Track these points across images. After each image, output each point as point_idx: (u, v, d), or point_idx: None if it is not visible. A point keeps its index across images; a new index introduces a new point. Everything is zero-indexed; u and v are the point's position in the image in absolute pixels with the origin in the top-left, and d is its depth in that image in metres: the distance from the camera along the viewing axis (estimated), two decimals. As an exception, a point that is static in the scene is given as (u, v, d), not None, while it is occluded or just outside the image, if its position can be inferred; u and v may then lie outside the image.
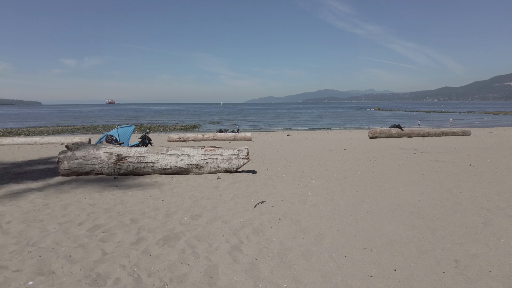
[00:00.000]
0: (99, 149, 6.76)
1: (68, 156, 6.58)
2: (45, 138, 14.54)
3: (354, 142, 14.22)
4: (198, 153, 6.84)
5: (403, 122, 41.89)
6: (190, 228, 3.85)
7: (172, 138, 14.56)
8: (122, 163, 6.62)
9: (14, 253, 3.24)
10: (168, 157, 6.73)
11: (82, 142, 6.93)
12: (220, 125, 39.18)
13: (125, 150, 6.75)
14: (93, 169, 6.62)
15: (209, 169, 6.84)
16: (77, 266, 2.96)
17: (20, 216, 4.31)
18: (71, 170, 6.57)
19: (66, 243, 3.45)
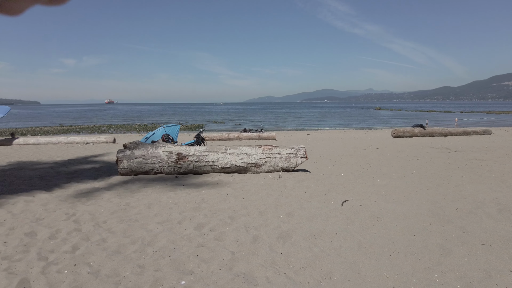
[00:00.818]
0: (158, 148, 6.71)
1: (127, 155, 6.53)
2: (69, 137, 14.43)
3: (381, 141, 14.24)
4: (257, 152, 6.82)
5: (409, 121, 41.99)
6: (296, 226, 3.82)
7: (197, 138, 14.53)
8: (183, 162, 6.58)
9: (138, 252, 3.20)
10: (228, 156, 6.70)
11: (139, 141, 6.88)
12: (224, 125, 39.04)
13: (185, 149, 6.71)
14: (152, 168, 6.58)
15: (268, 168, 6.81)
16: (213, 265, 2.93)
17: (112, 216, 4.27)
18: (130, 170, 6.52)
19: (183, 243, 3.42)
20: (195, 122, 43.05)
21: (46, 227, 3.89)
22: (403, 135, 15.85)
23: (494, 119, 44.03)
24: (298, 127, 33.64)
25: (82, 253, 3.16)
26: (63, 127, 34.41)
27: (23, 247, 3.30)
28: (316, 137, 17.09)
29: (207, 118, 54.10)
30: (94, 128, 32.17)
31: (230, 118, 54.60)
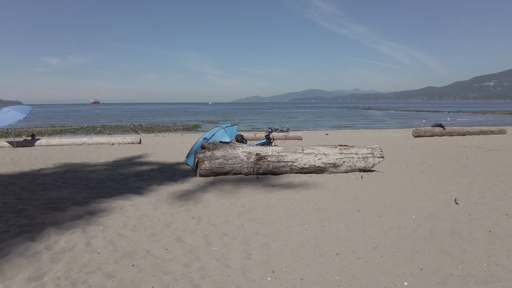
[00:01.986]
0: (236, 148, 6.58)
1: (208, 156, 6.38)
2: (94, 138, 14.02)
3: (407, 141, 14.45)
4: (334, 152, 6.78)
5: (404, 121, 42.82)
6: (445, 226, 3.80)
7: (225, 138, 14.34)
8: (263, 162, 6.48)
9: (326, 256, 3.11)
10: (306, 156, 6.63)
11: (217, 142, 6.73)
12: (220, 125, 38.92)
13: (263, 150, 6.60)
14: (232, 169, 6.44)
15: (345, 168, 6.79)
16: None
17: (241, 218, 4.15)
18: (211, 170, 6.37)
19: (359, 242, 3.34)
20: (190, 122, 42.52)
21: (188, 232, 3.73)
22: (424, 135, 16.15)
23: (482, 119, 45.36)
24: (302, 127, 33.74)
25: (265, 259, 3.04)
26: (55, 127, 33.31)
27: (192, 255, 3.15)
28: (337, 137, 17.19)
29: (200, 118, 53.62)
30: (89, 129, 31.41)
31: (224, 118, 54.29)
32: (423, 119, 40.82)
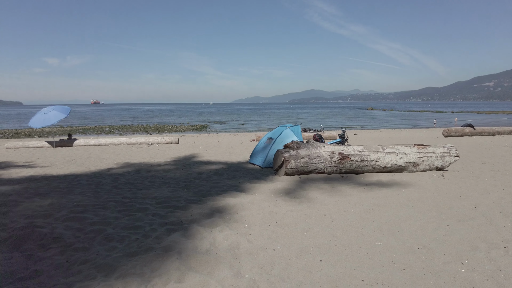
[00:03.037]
0: (318, 147, 6.65)
1: (293, 155, 6.44)
2: (132, 138, 14.03)
3: (441, 141, 14.56)
4: (413, 151, 6.86)
5: (409, 121, 42.79)
6: None
7: (260, 137, 14.41)
8: (346, 161, 6.55)
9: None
10: (388, 155, 6.71)
11: (300, 141, 6.80)
12: (227, 125, 38.75)
13: (344, 149, 6.67)
14: (316, 168, 6.51)
15: (424, 167, 6.87)
16: None
17: (372, 214, 4.21)
18: (296, 169, 6.43)
19: None
20: (196, 123, 42.13)
21: (338, 228, 3.79)
22: (455, 135, 16.27)
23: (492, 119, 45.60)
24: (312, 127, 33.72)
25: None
26: (63, 128, 32.79)
27: (387, 249, 3.22)
28: (368, 137, 17.30)
29: (205, 119, 53.29)
30: (98, 129, 30.93)
31: (230, 119, 53.94)
32: (434, 119, 40.96)
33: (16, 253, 3.19)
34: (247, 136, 19.12)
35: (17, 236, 3.53)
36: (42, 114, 13.09)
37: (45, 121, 12.77)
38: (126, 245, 3.34)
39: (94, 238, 3.56)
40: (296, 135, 8.13)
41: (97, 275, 2.75)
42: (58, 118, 12.93)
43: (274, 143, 7.91)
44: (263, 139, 8.60)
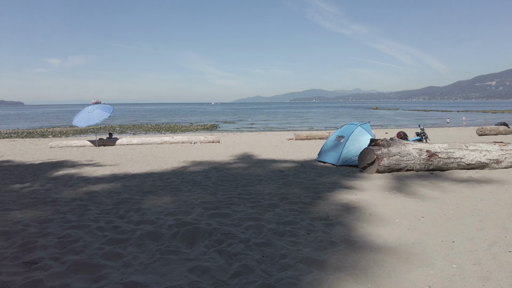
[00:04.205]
0: (406, 145, 6.73)
1: (385, 153, 6.51)
2: (175, 137, 14.07)
3: (477, 139, 14.67)
4: (495, 148, 6.94)
5: (417, 120, 42.70)
6: None
7: (299, 136, 14.47)
8: (434, 159, 6.62)
9: None
10: (472, 153, 6.79)
11: (390, 139, 6.87)
12: (235, 125, 38.65)
13: (431, 146, 6.75)
14: (406, 165, 6.58)
15: (506, 164, 6.95)
16: None
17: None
18: (388, 167, 6.50)
19: None
20: (202, 122, 41.51)
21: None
22: (489, 133, 16.38)
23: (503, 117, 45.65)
24: (320, 126, 33.76)
25: None
26: (74, 128, 32.14)
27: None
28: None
29: (211, 118, 52.90)
30: (107, 129, 30.23)
31: (237, 119, 53.58)
32: (447, 118, 41.06)
33: (203, 248, 3.24)
34: (279, 135, 19.17)
35: (183, 233, 3.56)
36: (86, 113, 13.12)
37: (90, 120, 12.80)
38: (304, 239, 3.40)
39: (260, 233, 3.61)
40: (368, 132, 8.19)
41: (311, 269, 2.80)
42: (102, 117, 12.97)
43: (347, 141, 7.97)
44: (331, 138, 8.66)
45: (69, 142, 13.50)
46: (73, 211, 4.45)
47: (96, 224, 3.89)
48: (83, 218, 4.14)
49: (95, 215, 4.26)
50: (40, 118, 56.74)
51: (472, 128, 21.53)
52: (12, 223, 3.96)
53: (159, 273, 2.77)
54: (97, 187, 5.90)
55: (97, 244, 3.34)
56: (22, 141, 17.58)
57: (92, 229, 3.74)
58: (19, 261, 2.96)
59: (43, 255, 3.08)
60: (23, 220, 4.06)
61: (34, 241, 3.39)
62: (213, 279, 2.67)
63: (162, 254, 3.12)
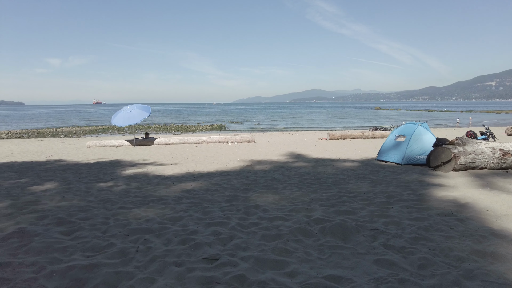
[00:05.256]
0: (479, 144, 6.85)
1: (462, 152, 6.63)
2: (212, 137, 14.14)
3: (506, 139, 14.84)
4: None
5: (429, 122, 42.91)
6: None
7: (334, 136, 14.57)
8: (508, 157, 6.74)
9: None
10: (543, 151, 6.91)
11: (464, 138, 6.98)
12: (242, 125, 38.59)
13: (504, 145, 6.87)
14: (481, 163, 6.70)
15: None
16: None
17: None
18: (464, 165, 6.61)
19: None
20: (208, 123, 41.16)
21: None
22: (518, 133, 16.57)
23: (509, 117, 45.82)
24: (328, 126, 33.77)
25: None
26: (82, 128, 31.43)
27: None
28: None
29: (217, 119, 52.78)
30: (116, 129, 29.42)
31: (244, 119, 53.47)
32: (456, 118, 41.28)
33: (365, 243, 3.32)
34: (307, 135, 19.27)
35: (330, 229, 3.62)
36: (125, 112, 13.17)
37: (130, 119, 12.85)
38: (455, 234, 3.48)
39: (403, 228, 3.67)
40: (429, 131, 8.31)
41: (490, 260, 2.89)
42: (142, 117, 13.03)
43: (410, 140, 8.07)
44: (390, 137, 8.77)
45: (106, 142, 13.53)
46: (191, 208, 4.52)
47: (230, 221, 3.96)
48: (211, 215, 4.20)
49: (219, 212, 4.33)
50: (44, 118, 56.53)
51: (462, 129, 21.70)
52: (144, 221, 4.03)
53: (346, 266, 2.85)
54: (188, 185, 5.96)
55: (255, 241, 3.40)
56: (50, 141, 17.61)
57: (234, 226, 3.80)
58: (196, 257, 3.03)
59: (213, 251, 3.14)
60: (152, 218, 4.13)
61: (191, 238, 3.45)
62: (405, 270, 2.75)
63: (330, 249, 3.20)
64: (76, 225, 3.92)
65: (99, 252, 3.18)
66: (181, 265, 2.88)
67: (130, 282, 2.60)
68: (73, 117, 58.58)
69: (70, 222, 4.02)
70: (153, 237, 3.50)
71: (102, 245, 3.31)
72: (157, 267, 2.84)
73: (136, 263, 2.92)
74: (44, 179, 6.87)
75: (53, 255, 3.09)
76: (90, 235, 3.58)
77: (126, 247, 3.22)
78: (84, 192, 5.60)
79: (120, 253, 3.12)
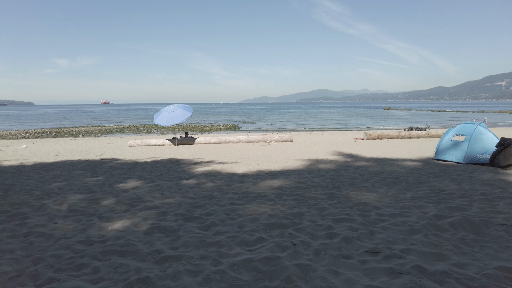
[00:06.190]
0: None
1: None
2: (250, 136, 14.30)
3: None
4: None
5: (441, 122, 42.33)
6: None
7: (371, 136, 14.66)
8: None
9: None
10: None
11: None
12: (255, 125, 38.64)
13: None
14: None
15: None
16: None
17: None
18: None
19: None
20: (222, 123, 41.11)
21: None
22: (551, 133, 16.49)
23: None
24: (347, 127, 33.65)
25: None
26: (97, 127, 31.57)
27: None
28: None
29: (228, 118, 52.71)
30: (131, 129, 29.15)
31: (256, 119, 53.39)
32: (473, 119, 40.94)
33: (507, 237, 3.42)
34: (340, 135, 19.37)
35: (459, 224, 3.70)
36: (168, 112, 13.38)
37: (173, 119, 13.04)
38: None
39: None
40: (489, 131, 8.38)
41: None
42: (185, 116, 13.22)
43: (471, 140, 8.16)
44: (446, 137, 8.86)
45: (147, 141, 13.74)
46: (300, 205, 4.63)
47: (354, 217, 4.05)
48: (328, 211, 4.32)
49: (332, 209, 4.43)
50: (56, 118, 57.13)
51: (503, 129, 21.64)
52: (268, 216, 4.16)
53: (507, 258, 2.96)
54: (273, 183, 6.09)
55: (396, 235, 3.51)
56: (84, 140, 17.90)
57: (362, 222, 3.91)
58: (355, 250, 3.16)
59: (367, 245, 3.26)
60: (274, 213, 4.25)
61: (334, 233, 3.58)
62: None
63: (474, 242, 3.31)
64: (205, 221, 4.06)
65: (254, 246, 3.32)
66: (348, 257, 3.01)
67: (316, 273, 2.73)
68: (84, 117, 59.13)
69: (196, 218, 4.17)
70: (295, 231, 3.64)
71: (252, 239, 3.44)
72: (329, 259, 2.97)
73: (305, 256, 3.05)
74: (121, 177, 7.05)
75: (214, 249, 3.24)
76: (230, 230, 3.72)
77: (278, 241, 3.36)
78: (177, 189, 5.76)
79: (278, 247, 3.25)
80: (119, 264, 2.95)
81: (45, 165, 9.11)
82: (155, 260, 3.03)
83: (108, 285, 2.61)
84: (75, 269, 2.89)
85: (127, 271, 2.83)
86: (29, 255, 3.18)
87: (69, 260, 3.06)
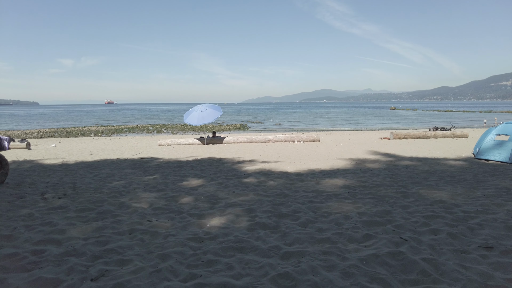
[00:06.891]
0: None
1: None
2: (277, 136, 14.39)
3: None
4: None
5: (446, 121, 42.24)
6: None
7: (397, 135, 14.72)
8: None
9: None
10: None
11: None
12: (263, 125, 38.61)
13: None
14: None
15: None
16: None
17: None
18: None
19: None
20: (229, 123, 40.87)
21: None
22: None
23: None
24: (355, 127, 33.74)
25: None
26: (109, 127, 31.27)
27: None
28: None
29: (234, 119, 52.40)
30: (140, 128, 28.94)
31: (263, 118, 53.30)
32: (484, 118, 40.91)
33: None
34: (362, 134, 19.44)
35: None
36: (199, 112, 13.49)
37: (204, 119, 13.15)
38: None
39: None
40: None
41: None
42: (215, 116, 13.34)
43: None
44: (488, 136, 8.93)
45: (177, 140, 13.86)
46: (380, 203, 4.71)
47: (443, 214, 4.14)
48: (412, 209, 4.42)
49: (415, 207, 4.53)
50: (62, 117, 57.46)
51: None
52: (357, 213, 4.25)
53: None
54: (335, 182, 6.18)
55: (500, 232, 3.61)
56: (107, 140, 18.05)
57: (454, 218, 4.00)
58: (467, 245, 3.25)
59: (479, 241, 3.36)
60: (363, 212, 4.34)
61: (437, 229, 3.67)
62: None
63: None
64: (298, 218, 4.16)
65: (366, 242, 3.41)
66: (466, 252, 3.11)
67: (446, 267, 2.82)
68: (90, 117, 59.38)
69: (287, 215, 4.26)
70: (396, 228, 3.73)
71: (359, 236, 3.53)
72: (449, 254, 3.06)
73: (423, 251, 3.14)
74: (178, 175, 7.14)
75: (329, 245, 3.33)
76: (330, 228, 3.81)
77: (387, 238, 3.45)
78: (244, 187, 5.86)
79: (390, 242, 3.33)
80: (248, 260, 3.04)
81: (88, 164, 9.22)
82: (279, 256, 3.13)
83: (251, 280, 2.71)
84: (207, 265, 2.98)
85: (260, 266, 2.92)
86: (150, 251, 3.28)
87: (194, 256, 3.15)
